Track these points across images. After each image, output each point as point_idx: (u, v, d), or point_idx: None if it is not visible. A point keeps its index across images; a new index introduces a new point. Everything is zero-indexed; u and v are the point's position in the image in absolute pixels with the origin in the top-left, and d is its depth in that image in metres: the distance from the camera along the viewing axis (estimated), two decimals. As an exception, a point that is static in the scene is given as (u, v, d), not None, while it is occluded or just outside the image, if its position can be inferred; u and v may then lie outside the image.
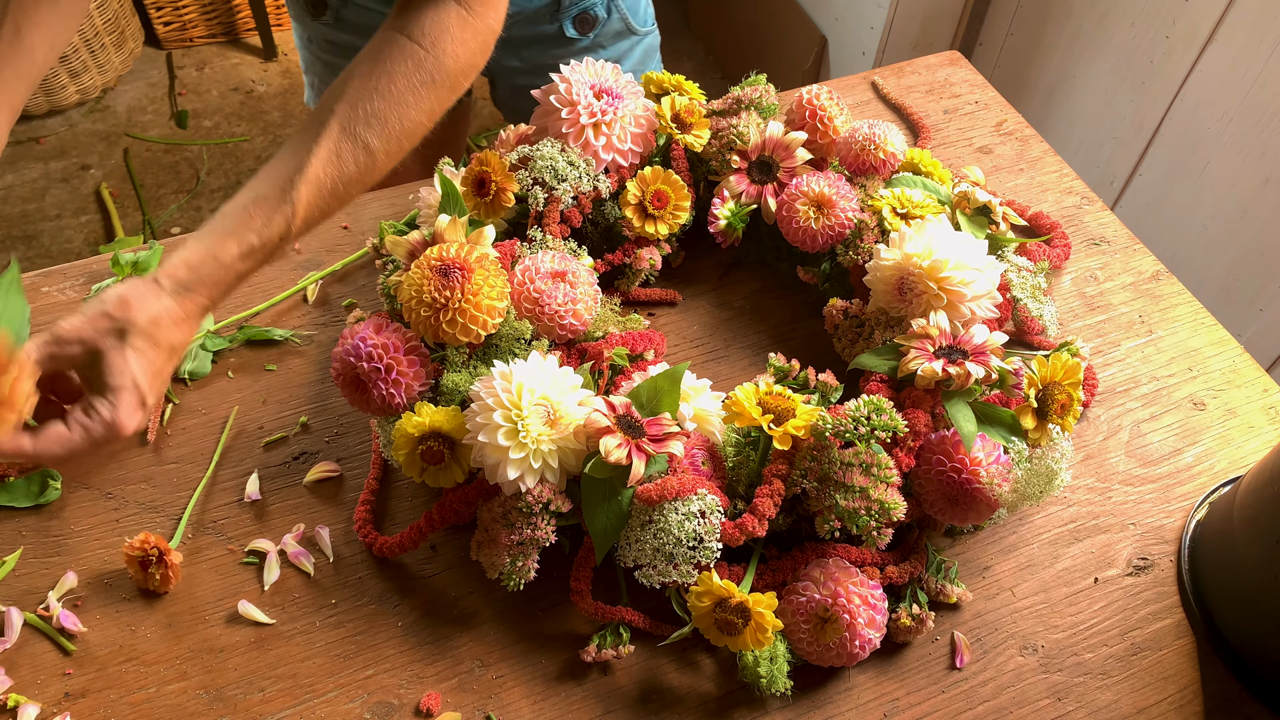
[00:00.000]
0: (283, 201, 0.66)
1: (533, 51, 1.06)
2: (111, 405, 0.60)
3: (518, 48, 1.06)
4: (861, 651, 0.66)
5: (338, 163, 0.67)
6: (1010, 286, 0.85)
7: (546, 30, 1.04)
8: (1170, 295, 0.94)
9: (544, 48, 1.06)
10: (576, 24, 1.05)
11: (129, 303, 0.62)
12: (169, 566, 0.69)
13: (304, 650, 0.69)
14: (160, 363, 0.63)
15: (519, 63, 1.07)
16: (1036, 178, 1.04)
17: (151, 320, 0.62)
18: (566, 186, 0.82)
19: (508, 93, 1.13)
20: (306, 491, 0.77)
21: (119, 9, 2.35)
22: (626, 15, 1.08)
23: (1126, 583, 0.75)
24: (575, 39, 1.06)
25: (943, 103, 1.11)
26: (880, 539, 0.65)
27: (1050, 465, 0.66)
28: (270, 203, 0.66)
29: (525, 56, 1.07)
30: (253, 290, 0.89)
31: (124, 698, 0.66)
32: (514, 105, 1.14)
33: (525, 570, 0.67)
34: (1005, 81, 1.87)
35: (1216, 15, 1.41)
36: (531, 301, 0.75)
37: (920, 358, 0.70)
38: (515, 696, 0.68)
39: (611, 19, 1.07)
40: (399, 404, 0.72)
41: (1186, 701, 0.69)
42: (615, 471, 0.65)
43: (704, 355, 0.87)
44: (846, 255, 0.84)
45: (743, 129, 0.88)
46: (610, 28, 1.07)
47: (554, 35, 1.05)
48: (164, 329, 0.63)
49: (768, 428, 0.66)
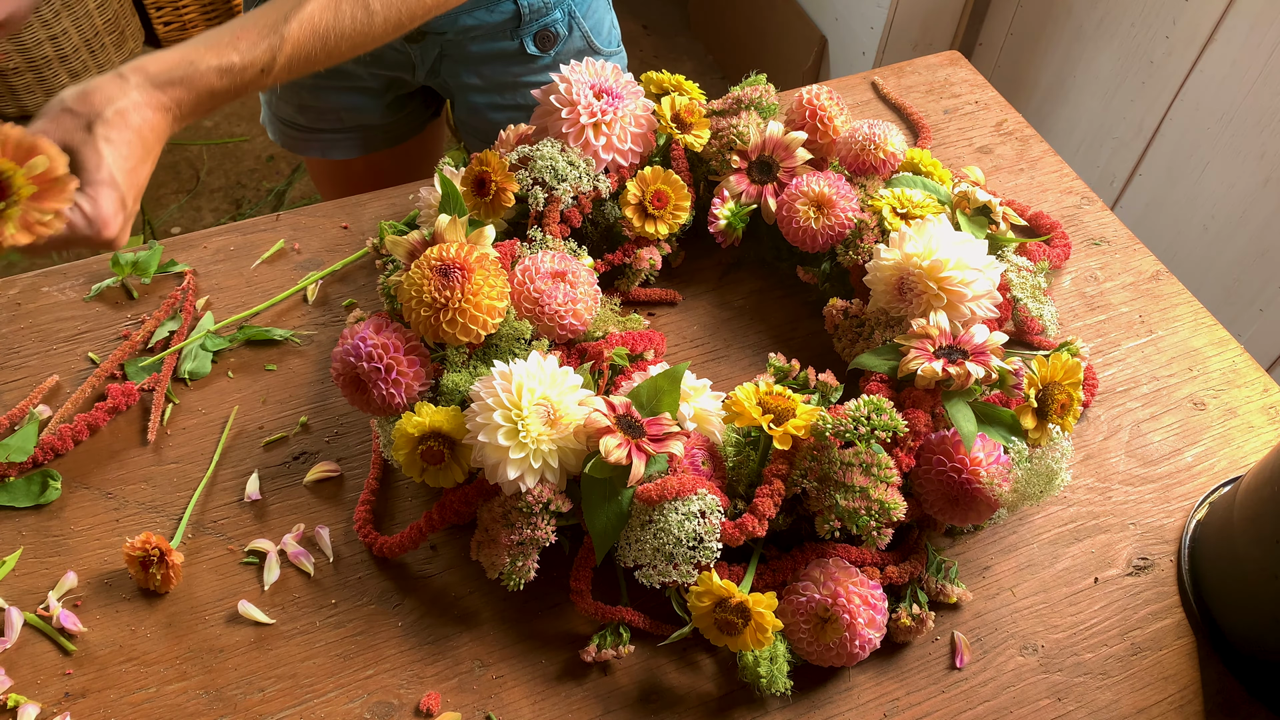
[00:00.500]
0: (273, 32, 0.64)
1: (492, 68, 1.05)
2: (92, 199, 0.58)
3: (477, 64, 1.04)
4: (861, 651, 0.66)
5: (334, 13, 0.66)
6: (1010, 286, 0.85)
7: (507, 46, 1.03)
8: (1170, 295, 0.94)
9: (504, 64, 1.04)
10: (537, 40, 1.03)
11: (89, 95, 0.59)
12: (170, 567, 0.69)
13: (304, 650, 0.69)
14: (134, 160, 0.60)
15: (478, 80, 1.06)
16: (1036, 178, 1.04)
17: (118, 112, 0.59)
18: (566, 186, 0.82)
19: (466, 112, 1.11)
20: (306, 491, 0.77)
21: (119, 9, 2.35)
22: (589, 34, 1.06)
23: (1126, 583, 0.75)
24: (536, 56, 1.04)
25: (943, 103, 1.11)
26: (880, 539, 0.65)
27: (1050, 465, 0.66)
28: (261, 29, 0.64)
29: (485, 74, 1.05)
30: (253, 290, 0.89)
31: (124, 698, 0.66)
32: (473, 126, 1.12)
33: (525, 570, 0.67)
34: (1005, 81, 1.88)
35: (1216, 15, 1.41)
36: (531, 301, 0.75)
37: (920, 358, 0.70)
38: (515, 696, 0.68)
39: (573, 36, 1.05)
40: (399, 404, 0.72)
41: (1186, 701, 0.69)
42: (615, 471, 0.65)
43: (704, 355, 0.87)
44: (846, 255, 0.84)
45: (743, 129, 0.88)
46: (572, 45, 1.06)
47: (514, 52, 1.03)
48: (131, 121, 0.60)
49: (768, 428, 0.66)
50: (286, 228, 0.94)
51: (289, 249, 0.93)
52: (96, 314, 0.87)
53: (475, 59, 1.04)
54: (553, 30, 1.03)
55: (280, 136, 1.16)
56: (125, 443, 0.79)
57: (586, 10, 1.05)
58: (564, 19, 1.03)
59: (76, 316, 0.87)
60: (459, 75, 1.05)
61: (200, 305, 0.88)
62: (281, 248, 0.93)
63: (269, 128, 1.16)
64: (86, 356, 0.84)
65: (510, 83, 1.06)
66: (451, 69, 1.05)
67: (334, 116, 1.11)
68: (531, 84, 1.06)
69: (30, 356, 0.84)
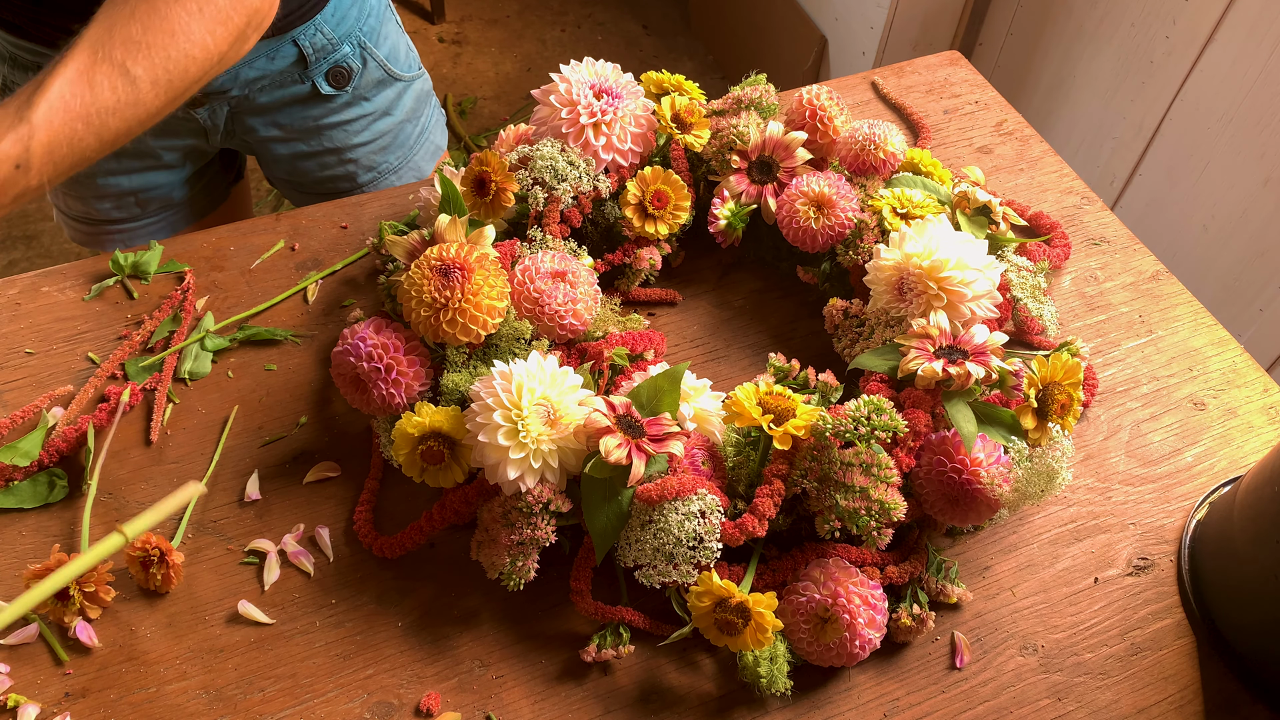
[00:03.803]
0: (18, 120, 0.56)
1: (288, 115, 0.99)
2: None
3: (273, 114, 0.99)
4: (862, 651, 0.66)
5: (89, 86, 0.58)
6: (1010, 286, 0.85)
7: (299, 91, 0.97)
8: (1170, 295, 0.94)
9: (301, 109, 0.99)
10: (330, 79, 0.97)
11: None
12: (171, 567, 0.69)
13: (304, 650, 0.69)
14: None
15: (278, 131, 1.01)
16: (1036, 178, 1.04)
17: None
18: (566, 186, 0.82)
19: (276, 167, 1.06)
20: (306, 491, 0.77)
21: None
22: (385, 62, 1.00)
23: (1126, 583, 0.75)
24: (333, 94, 0.99)
25: (943, 103, 1.11)
26: (880, 539, 0.65)
27: (1051, 464, 0.66)
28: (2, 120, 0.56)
29: (282, 123, 1.00)
30: (253, 290, 0.89)
31: (124, 698, 0.66)
32: (289, 180, 1.07)
33: (525, 570, 0.67)
34: (1005, 81, 1.88)
35: (1216, 15, 1.41)
36: (531, 301, 0.75)
37: (920, 358, 0.70)
38: (515, 696, 0.68)
39: (368, 68, 1.00)
40: (399, 404, 0.72)
41: (1186, 701, 0.69)
42: (615, 471, 0.65)
43: (704, 355, 0.87)
44: (846, 255, 0.84)
45: (743, 129, 0.88)
46: (369, 77, 1.01)
47: (308, 95, 0.98)
48: None
49: (768, 428, 0.66)
50: (286, 228, 0.94)
51: (289, 249, 0.93)
52: (96, 314, 0.87)
53: (269, 109, 0.98)
54: (345, 66, 0.98)
55: (76, 234, 1.08)
56: (125, 443, 0.79)
57: (377, 39, 1.00)
58: (355, 52, 0.98)
59: (76, 316, 0.87)
60: (256, 131, 1.00)
61: (200, 305, 0.88)
62: (281, 248, 0.93)
63: (64, 228, 1.09)
64: (86, 356, 0.84)
65: (312, 128, 1.01)
66: (246, 126, 1.00)
67: (132, 202, 1.04)
68: (334, 124, 1.02)
69: (30, 356, 0.84)
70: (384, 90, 1.03)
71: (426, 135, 1.13)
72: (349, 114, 1.02)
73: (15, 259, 2.10)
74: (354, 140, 1.05)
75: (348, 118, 1.03)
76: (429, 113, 1.12)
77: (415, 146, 1.12)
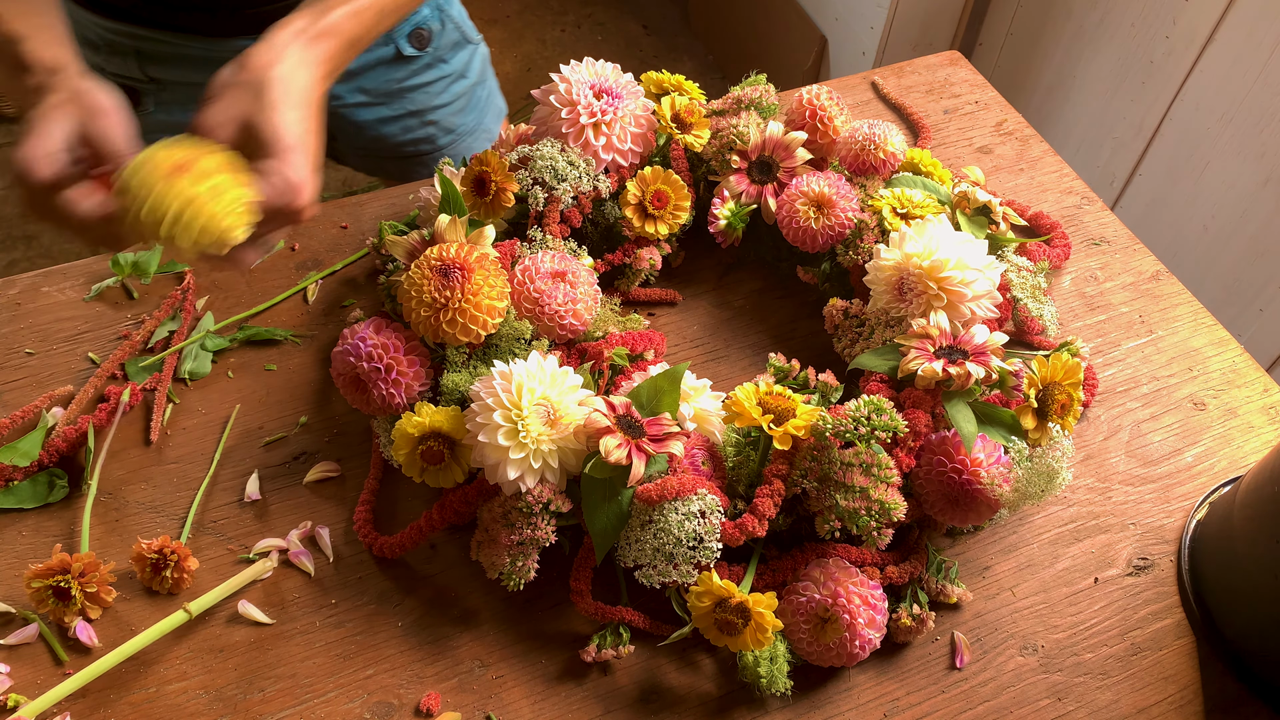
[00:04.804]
0: None
1: (373, 79, 1.04)
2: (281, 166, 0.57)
3: (359, 79, 1.03)
4: (861, 651, 0.66)
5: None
6: (1010, 286, 0.85)
7: (384, 54, 1.02)
8: (1170, 295, 0.94)
9: (385, 71, 1.04)
10: (412, 40, 1.02)
11: (247, 65, 0.59)
12: (184, 571, 0.69)
13: (304, 650, 0.69)
14: (308, 120, 0.60)
15: (363, 96, 1.05)
16: (1036, 178, 1.04)
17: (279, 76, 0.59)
18: (566, 186, 0.82)
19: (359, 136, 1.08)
20: (306, 491, 0.77)
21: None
22: (460, 24, 1.05)
23: (1126, 583, 0.75)
24: (415, 56, 1.03)
25: (943, 103, 1.11)
26: (880, 539, 0.65)
27: (1051, 464, 0.66)
28: None
29: (367, 87, 1.04)
30: (253, 290, 0.89)
31: (124, 698, 0.66)
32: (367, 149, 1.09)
33: (525, 570, 0.67)
34: (1005, 81, 1.88)
35: (1216, 15, 1.41)
36: (531, 301, 0.75)
37: (920, 358, 0.70)
38: (515, 696, 0.68)
39: (446, 30, 1.04)
40: (399, 404, 0.72)
41: (1186, 701, 0.69)
42: (615, 471, 0.65)
43: (704, 355, 0.87)
44: (846, 255, 0.84)
45: (743, 129, 0.88)
46: (447, 39, 1.05)
47: (392, 58, 1.02)
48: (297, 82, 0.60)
49: (768, 428, 0.66)
50: (286, 228, 0.94)
51: (289, 249, 0.93)
52: (96, 314, 0.87)
53: (355, 74, 1.02)
54: (425, 27, 1.03)
55: None
56: (125, 443, 0.79)
57: (449, 1, 1.05)
58: (434, 14, 1.03)
59: (76, 316, 0.87)
60: (343, 98, 1.04)
61: (200, 305, 0.88)
62: (281, 248, 0.93)
63: None
64: (86, 356, 0.84)
65: (395, 90, 1.05)
66: (333, 93, 1.03)
67: None
68: (416, 86, 1.06)
69: (30, 357, 0.84)
70: (459, 52, 1.08)
71: (493, 98, 1.18)
72: (430, 75, 1.06)
73: (15, 259, 2.10)
74: (435, 102, 1.09)
75: (429, 79, 1.06)
76: (491, 78, 1.17)
77: (486, 108, 1.16)
